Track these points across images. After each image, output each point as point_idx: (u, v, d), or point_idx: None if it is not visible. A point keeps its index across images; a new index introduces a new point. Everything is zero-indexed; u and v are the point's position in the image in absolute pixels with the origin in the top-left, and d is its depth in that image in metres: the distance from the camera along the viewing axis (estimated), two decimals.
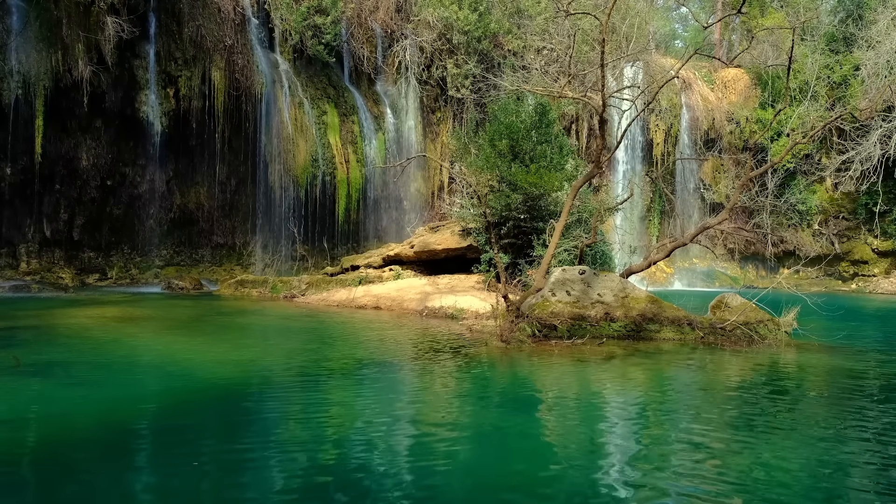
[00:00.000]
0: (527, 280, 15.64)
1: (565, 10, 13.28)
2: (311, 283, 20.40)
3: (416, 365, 9.26)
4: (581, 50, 25.20)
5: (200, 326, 13.23)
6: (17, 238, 22.42)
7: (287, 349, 10.64)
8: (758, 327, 11.56)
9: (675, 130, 31.36)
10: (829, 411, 7.00)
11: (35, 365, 8.35)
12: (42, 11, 20.59)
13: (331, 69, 26.95)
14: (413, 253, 20.12)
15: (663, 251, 14.22)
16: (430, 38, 27.53)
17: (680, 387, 8.39)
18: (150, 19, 22.66)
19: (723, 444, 5.62)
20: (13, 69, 20.29)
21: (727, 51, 38.16)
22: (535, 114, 18.52)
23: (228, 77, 23.89)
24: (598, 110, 12.10)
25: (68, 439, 5.53)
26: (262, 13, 25.46)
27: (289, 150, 24.78)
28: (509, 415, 6.74)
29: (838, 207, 30.33)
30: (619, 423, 6.52)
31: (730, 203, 13.34)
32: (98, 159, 22.93)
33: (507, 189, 17.38)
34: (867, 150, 26.25)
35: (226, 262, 26.00)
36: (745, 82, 32.16)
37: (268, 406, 6.96)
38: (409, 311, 15.81)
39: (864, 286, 28.90)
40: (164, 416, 6.48)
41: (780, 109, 14.58)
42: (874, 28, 27.70)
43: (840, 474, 4.97)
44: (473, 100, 27.73)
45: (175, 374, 8.27)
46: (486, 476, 4.90)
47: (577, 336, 11.06)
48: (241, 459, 5.11)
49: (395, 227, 27.29)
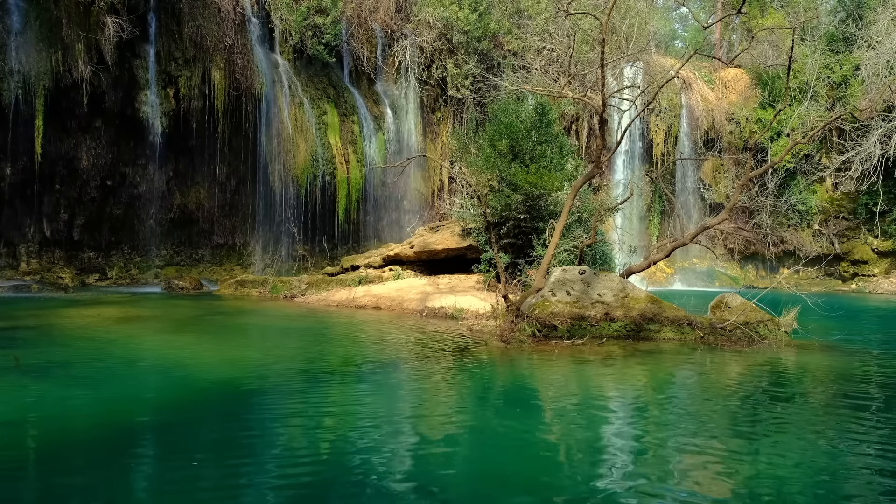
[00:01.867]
0: (527, 280, 15.64)
1: (565, 10, 13.29)
2: (311, 283, 20.39)
3: (416, 365, 9.26)
4: (581, 50, 25.19)
5: (200, 326, 13.23)
6: (17, 238, 22.42)
7: (287, 349, 10.64)
8: (758, 327, 11.56)
9: (675, 130, 31.35)
10: (829, 411, 7.00)
11: (35, 365, 8.35)
12: (42, 11, 20.58)
13: (331, 69, 26.95)
14: (413, 253, 20.13)
15: (663, 251, 14.22)
16: (430, 38, 27.53)
17: (680, 387, 8.39)
18: (150, 19, 22.66)
19: (723, 444, 5.62)
20: (13, 69, 20.29)
21: (727, 51, 38.16)
22: (535, 114, 18.52)
23: (228, 77, 23.89)
24: (598, 110, 12.11)
25: (68, 439, 5.53)
26: (261, 13, 25.46)
27: (289, 150, 24.77)
28: (509, 415, 6.74)
29: (838, 207, 30.33)
30: (618, 424, 6.52)
31: (730, 203, 13.34)
32: (98, 159, 22.93)
33: (507, 189, 17.38)
34: (867, 150, 26.25)
35: (226, 262, 25.99)
36: (745, 82, 32.16)
37: (268, 406, 6.97)
38: (409, 311, 15.81)
39: (864, 286, 28.90)
40: (164, 415, 6.48)
41: (780, 109, 14.56)
42: (874, 28, 27.70)
43: (841, 475, 4.97)
44: (473, 100, 27.73)
45: (175, 374, 8.27)
46: (485, 476, 4.90)
47: (577, 336, 11.06)
48: (242, 459, 5.11)
49: (395, 227, 27.29)
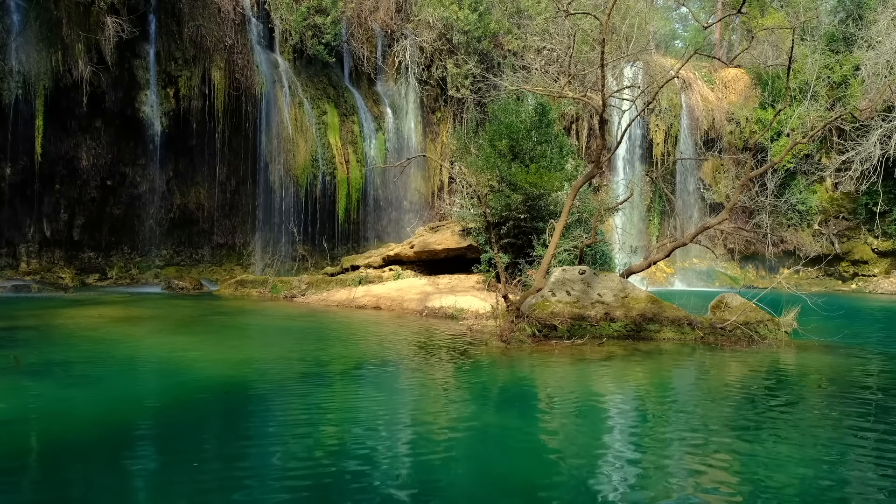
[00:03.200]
0: (527, 280, 15.64)
1: (565, 10, 13.29)
2: (311, 283, 20.39)
3: (416, 365, 9.26)
4: (581, 50, 25.19)
5: (200, 327, 13.23)
6: (17, 238, 22.42)
7: (287, 349, 10.63)
8: (758, 327, 11.56)
9: (675, 130, 31.35)
10: (829, 412, 7.00)
11: (35, 365, 8.35)
12: (42, 11, 20.58)
13: (331, 69, 26.95)
14: (413, 253, 20.12)
15: (663, 251, 14.22)
16: (430, 38, 27.53)
17: (680, 387, 8.39)
18: (150, 19, 22.66)
19: (723, 444, 5.62)
20: (13, 69, 20.29)
21: (727, 51, 38.16)
22: (535, 114, 18.52)
23: (228, 77, 23.89)
24: (598, 110, 12.11)
25: (68, 439, 5.53)
26: (262, 13, 25.47)
27: (289, 150, 24.78)
28: (509, 415, 6.74)
29: (838, 207, 30.33)
30: (618, 424, 6.52)
31: (730, 203, 13.34)
32: (98, 159, 22.93)
33: (507, 189, 17.38)
34: (867, 150, 26.24)
35: (226, 262, 25.99)
36: (745, 82, 32.16)
37: (268, 406, 6.96)
38: (409, 311, 15.80)
39: (864, 286, 28.90)
40: (164, 415, 6.49)
41: (780, 109, 14.56)
42: (874, 28, 27.69)
43: (841, 475, 4.97)
44: (473, 100, 27.73)
45: (174, 375, 8.27)
46: (485, 476, 4.90)
47: (577, 336, 11.06)
48: (242, 459, 5.11)
49: (395, 227, 27.29)
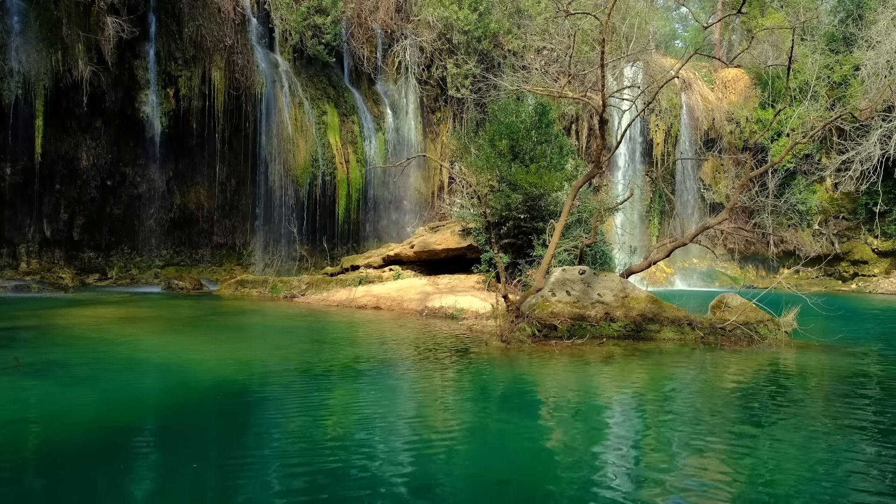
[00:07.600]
0: (527, 280, 15.64)
1: (565, 10, 13.29)
2: (311, 283, 20.39)
3: (416, 365, 9.25)
4: (581, 50, 25.19)
5: (200, 326, 13.23)
6: (17, 238, 22.42)
7: (287, 349, 10.63)
8: (758, 327, 11.56)
9: (675, 130, 31.34)
10: (829, 412, 6.99)
11: (35, 365, 8.35)
12: (42, 11, 20.59)
13: (331, 69, 26.95)
14: (413, 253, 20.12)
15: (663, 251, 14.21)
16: (430, 38, 27.52)
17: (680, 387, 8.39)
18: (150, 19, 22.66)
19: (723, 444, 5.62)
20: (13, 69, 20.29)
21: (727, 51, 38.15)
22: (535, 114, 18.52)
23: (228, 77, 23.89)
24: (598, 110, 12.11)
25: (68, 439, 5.53)
26: (261, 13, 25.46)
27: (289, 150, 24.77)
28: (509, 415, 6.74)
29: (838, 207, 30.32)
30: (618, 424, 6.52)
31: (730, 203, 13.34)
32: (98, 159, 22.94)
33: (507, 189, 17.38)
34: (867, 150, 26.25)
35: (226, 262, 25.99)
36: (745, 82, 32.16)
37: (268, 406, 6.96)
38: (409, 311, 15.80)
39: (864, 286, 28.89)
40: (164, 416, 6.49)
41: (780, 109, 14.55)
42: (874, 28, 27.69)
43: (842, 475, 4.97)
44: (473, 100, 27.73)
45: (175, 375, 8.27)
46: (485, 476, 4.89)
47: (577, 336, 11.06)
48: (241, 459, 5.11)
49: (395, 227, 27.29)
